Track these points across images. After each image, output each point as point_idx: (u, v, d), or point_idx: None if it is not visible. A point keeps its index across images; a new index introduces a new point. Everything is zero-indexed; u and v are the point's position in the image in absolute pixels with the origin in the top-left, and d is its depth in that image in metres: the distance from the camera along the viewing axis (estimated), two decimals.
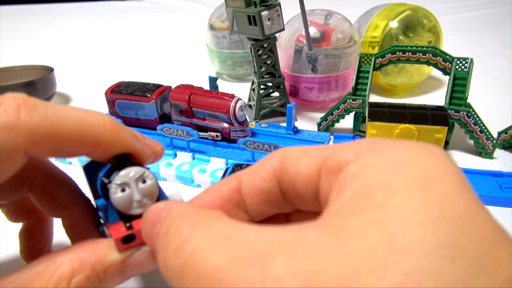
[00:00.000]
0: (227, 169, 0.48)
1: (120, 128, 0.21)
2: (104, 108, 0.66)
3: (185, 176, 0.50)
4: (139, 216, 0.20)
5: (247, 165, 0.48)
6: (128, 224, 0.20)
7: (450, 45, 0.82)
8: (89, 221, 0.25)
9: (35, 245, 0.28)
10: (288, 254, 0.12)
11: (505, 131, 0.54)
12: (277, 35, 0.62)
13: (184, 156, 0.54)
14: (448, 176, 0.14)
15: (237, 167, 0.48)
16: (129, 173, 0.20)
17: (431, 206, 0.13)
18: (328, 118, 0.60)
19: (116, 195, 0.19)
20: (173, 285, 0.15)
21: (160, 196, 0.21)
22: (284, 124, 0.62)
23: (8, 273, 0.18)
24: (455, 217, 0.12)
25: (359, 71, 0.60)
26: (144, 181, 0.20)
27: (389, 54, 0.58)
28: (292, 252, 0.13)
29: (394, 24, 0.72)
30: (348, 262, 0.12)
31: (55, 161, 0.57)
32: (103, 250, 0.19)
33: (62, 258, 0.18)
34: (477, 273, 0.11)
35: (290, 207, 0.20)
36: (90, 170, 0.21)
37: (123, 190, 0.19)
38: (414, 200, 0.13)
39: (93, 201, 0.23)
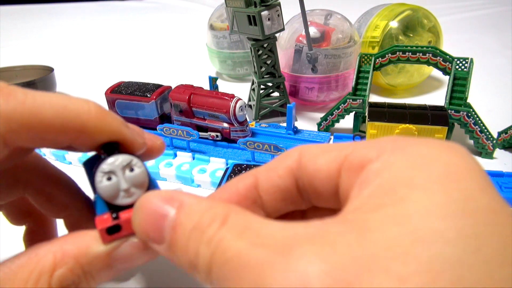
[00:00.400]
0: (227, 169, 0.48)
1: (107, 114, 0.20)
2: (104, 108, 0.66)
3: (185, 176, 0.50)
4: (128, 207, 0.19)
5: (247, 165, 0.48)
6: (115, 215, 0.18)
7: (450, 45, 0.82)
8: (90, 220, 0.25)
9: None
10: (311, 243, 0.13)
11: (505, 131, 0.54)
12: (277, 35, 0.62)
13: (184, 156, 0.54)
14: (470, 172, 0.14)
15: (237, 167, 0.48)
16: (116, 161, 0.19)
17: (453, 200, 0.13)
18: (328, 118, 0.60)
19: (102, 183, 0.18)
20: (200, 275, 0.15)
21: (151, 185, 0.20)
22: (284, 124, 0.62)
23: None
24: (479, 211, 0.12)
25: (359, 71, 0.60)
26: (132, 169, 0.19)
27: (389, 54, 0.58)
28: (315, 241, 0.13)
29: (394, 24, 0.72)
30: (370, 249, 0.12)
31: (54, 161, 0.57)
32: (87, 242, 0.18)
33: (44, 250, 0.18)
34: (502, 263, 0.11)
35: (307, 204, 0.20)
36: (91, 167, 0.20)
37: (109, 178, 0.18)
38: (436, 195, 0.13)
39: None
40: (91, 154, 0.21)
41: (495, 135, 0.53)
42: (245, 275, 0.13)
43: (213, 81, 0.66)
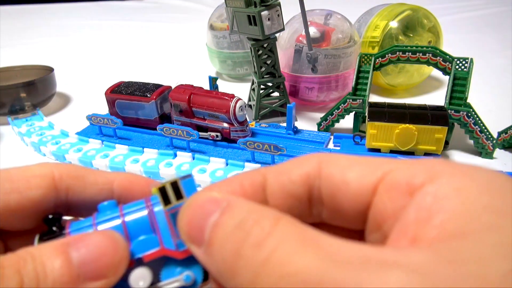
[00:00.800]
0: None
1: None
2: (104, 108, 0.66)
3: None
4: None
5: None
6: None
7: (450, 45, 0.82)
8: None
9: None
10: (400, 270, 0.11)
11: (505, 131, 0.54)
12: (277, 35, 0.62)
13: (184, 156, 0.54)
14: None
15: None
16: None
17: None
18: (328, 118, 0.60)
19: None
20: (237, 281, 0.13)
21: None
22: (284, 124, 0.62)
23: None
24: None
25: (359, 71, 0.60)
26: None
27: (389, 54, 0.58)
28: (402, 269, 0.11)
29: (394, 24, 0.72)
30: (473, 283, 0.10)
31: (54, 161, 0.57)
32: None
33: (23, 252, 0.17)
34: None
35: (314, 218, 0.18)
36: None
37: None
38: None
39: None
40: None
41: (495, 135, 0.53)
42: None
43: (213, 81, 0.66)
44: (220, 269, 0.14)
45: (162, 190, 0.17)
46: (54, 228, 0.18)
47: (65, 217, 0.19)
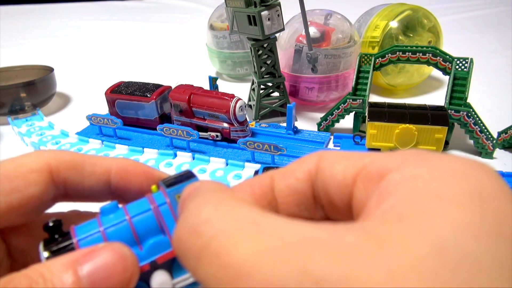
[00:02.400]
0: (256, 171, 0.48)
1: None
2: (104, 108, 0.66)
3: None
4: None
5: (277, 167, 0.47)
6: None
7: (450, 45, 0.82)
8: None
9: None
10: (325, 254, 0.12)
11: (505, 131, 0.54)
12: (277, 35, 0.62)
13: (184, 156, 0.54)
14: (503, 194, 0.13)
15: (268, 170, 0.46)
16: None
17: (486, 220, 0.12)
18: (328, 118, 0.60)
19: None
20: (186, 263, 0.14)
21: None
22: (284, 124, 0.62)
23: None
24: None
25: (359, 71, 0.60)
26: None
27: (389, 54, 0.58)
28: (329, 252, 0.12)
29: (394, 24, 0.72)
30: (394, 269, 0.11)
31: None
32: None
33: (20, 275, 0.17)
34: None
35: (320, 214, 0.19)
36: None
37: None
38: (467, 212, 0.12)
39: None
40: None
41: (495, 135, 0.53)
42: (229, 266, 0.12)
43: (213, 81, 0.66)
44: (175, 249, 0.15)
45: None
46: (56, 236, 0.18)
47: (62, 203, 0.20)
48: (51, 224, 0.18)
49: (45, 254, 0.17)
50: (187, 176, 0.19)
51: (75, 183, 0.21)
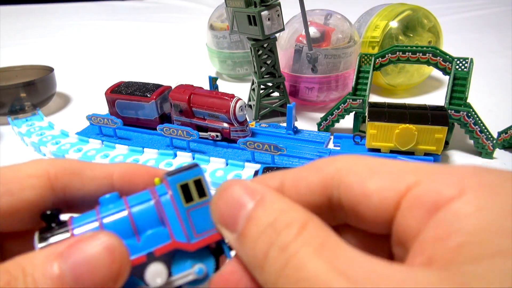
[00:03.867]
0: (256, 172, 0.47)
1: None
2: (104, 108, 0.66)
3: None
4: None
5: (278, 168, 0.46)
6: None
7: (450, 45, 0.82)
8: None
9: None
10: None
11: (505, 131, 0.54)
12: (277, 35, 0.62)
13: (184, 156, 0.54)
14: None
15: (267, 170, 0.45)
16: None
17: None
18: (328, 118, 0.60)
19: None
20: (263, 278, 0.14)
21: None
22: (284, 124, 0.62)
23: None
24: None
25: (359, 71, 0.60)
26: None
27: (389, 54, 0.58)
28: None
29: (394, 24, 0.72)
30: None
31: None
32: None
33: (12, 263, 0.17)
34: None
35: (338, 221, 0.18)
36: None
37: None
38: None
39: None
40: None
41: (495, 135, 0.53)
42: None
43: (213, 81, 0.66)
44: (250, 262, 0.15)
45: (185, 188, 0.18)
46: (53, 225, 0.17)
47: (65, 215, 0.19)
48: (48, 212, 0.18)
49: (38, 242, 0.17)
50: (190, 166, 0.18)
51: (75, 188, 0.20)
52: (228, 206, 0.16)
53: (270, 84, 0.64)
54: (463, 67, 0.55)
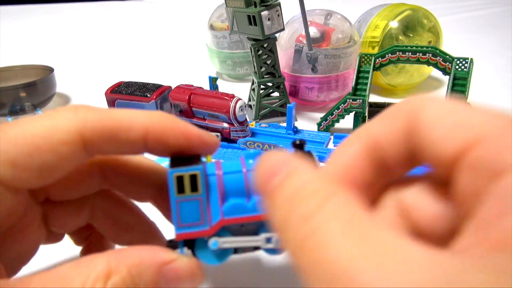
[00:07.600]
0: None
1: (171, 120, 0.23)
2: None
3: None
4: None
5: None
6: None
7: (450, 45, 0.82)
8: (155, 244, 0.23)
9: None
10: (445, 280, 0.10)
11: None
12: (277, 35, 0.62)
13: None
14: None
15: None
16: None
17: None
18: (328, 118, 0.60)
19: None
20: (286, 246, 0.14)
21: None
22: (284, 124, 0.62)
23: None
24: None
25: (359, 71, 0.60)
26: None
27: (389, 54, 0.58)
28: (448, 280, 0.10)
29: (394, 24, 0.72)
30: None
31: None
32: (140, 255, 0.20)
33: (100, 258, 0.19)
34: None
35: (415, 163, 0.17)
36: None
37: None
38: None
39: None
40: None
41: None
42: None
43: (213, 81, 0.66)
44: (276, 227, 0.15)
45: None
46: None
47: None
48: (298, 142, 0.22)
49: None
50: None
51: (109, 152, 0.22)
52: (263, 174, 0.17)
53: (270, 84, 0.64)
54: (463, 67, 0.55)
